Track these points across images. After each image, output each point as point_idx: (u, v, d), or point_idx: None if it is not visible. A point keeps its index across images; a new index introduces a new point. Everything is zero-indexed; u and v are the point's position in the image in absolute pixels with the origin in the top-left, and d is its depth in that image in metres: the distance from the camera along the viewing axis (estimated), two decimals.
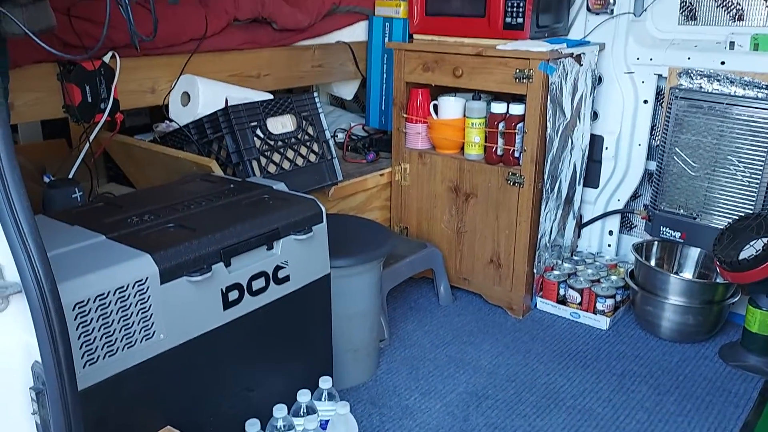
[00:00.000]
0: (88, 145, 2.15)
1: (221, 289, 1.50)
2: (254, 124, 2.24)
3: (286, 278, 1.67)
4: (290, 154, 2.34)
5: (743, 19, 2.35)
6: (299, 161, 2.37)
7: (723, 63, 2.32)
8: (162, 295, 1.37)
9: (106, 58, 2.15)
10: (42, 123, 3.16)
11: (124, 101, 2.25)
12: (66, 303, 1.14)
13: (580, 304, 2.54)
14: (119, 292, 1.29)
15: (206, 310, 1.48)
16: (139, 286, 1.32)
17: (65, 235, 1.44)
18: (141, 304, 1.33)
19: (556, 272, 2.62)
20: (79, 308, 1.23)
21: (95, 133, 2.16)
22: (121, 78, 2.19)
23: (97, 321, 1.26)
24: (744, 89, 2.28)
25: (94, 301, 1.25)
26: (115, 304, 1.29)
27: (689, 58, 2.39)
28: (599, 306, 2.49)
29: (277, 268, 1.64)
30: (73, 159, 2.20)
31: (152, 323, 1.36)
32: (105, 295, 1.27)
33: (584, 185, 2.74)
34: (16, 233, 1.01)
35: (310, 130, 2.41)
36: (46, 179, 2.04)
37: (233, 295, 1.54)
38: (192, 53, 2.40)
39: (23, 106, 2.02)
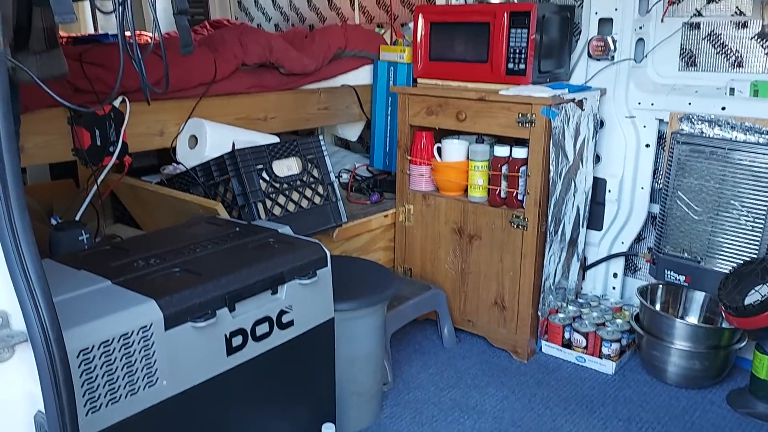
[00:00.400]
0: (96, 187, 2.18)
1: (225, 335, 1.50)
2: (260, 166, 2.26)
3: (290, 323, 1.67)
4: (295, 196, 2.37)
5: (742, 66, 2.39)
6: (304, 203, 2.40)
7: (724, 108, 2.35)
8: (166, 341, 1.37)
9: (116, 103, 2.19)
10: (50, 164, 3.21)
11: (133, 144, 2.28)
12: (71, 350, 1.14)
13: (586, 348, 2.52)
14: (124, 339, 1.29)
15: (209, 356, 1.48)
16: (143, 332, 1.32)
17: (72, 279, 1.45)
18: (145, 350, 1.33)
19: (561, 315, 2.61)
20: (83, 355, 1.23)
21: (103, 176, 2.19)
22: (130, 121, 2.23)
23: (101, 368, 1.26)
24: (745, 134, 2.30)
25: (99, 348, 1.25)
26: (120, 351, 1.29)
27: (690, 104, 2.42)
28: (605, 350, 2.47)
29: (281, 312, 1.64)
30: (81, 201, 2.23)
31: (155, 370, 1.36)
32: (109, 342, 1.27)
33: (588, 227, 2.75)
34: (24, 282, 1.02)
35: (315, 173, 2.44)
36: (54, 221, 2.06)
37: (237, 341, 1.53)
38: (201, 97, 2.45)
39: (33, 149, 2.05)
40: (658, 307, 2.56)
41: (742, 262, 2.25)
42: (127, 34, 1.19)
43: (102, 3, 1.17)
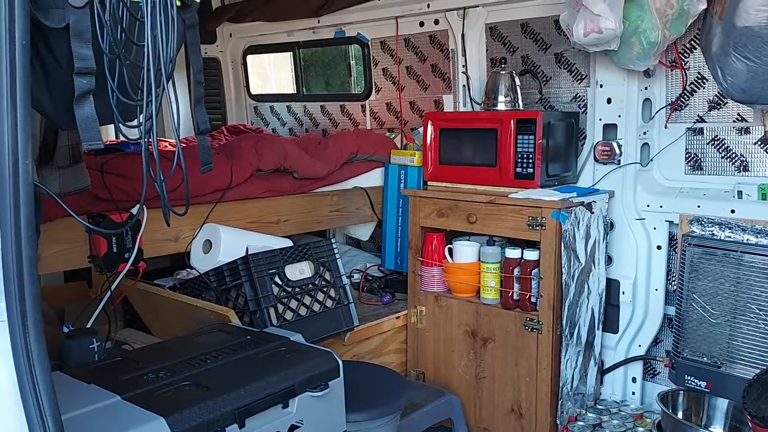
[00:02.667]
0: (109, 293, 2.19)
1: None
2: (273, 271, 2.28)
3: None
4: (307, 300, 2.36)
5: (748, 170, 2.42)
6: (316, 307, 2.39)
7: (733, 211, 2.36)
8: None
9: (134, 210, 2.24)
10: None
11: (148, 249, 2.32)
12: None
13: None
14: None
15: None
16: None
17: (81, 394, 1.43)
18: None
19: (580, 423, 2.52)
20: None
21: (117, 282, 2.21)
22: (146, 228, 2.27)
23: None
24: (756, 237, 2.30)
25: None
26: None
27: (699, 206, 2.44)
28: None
29: (292, 427, 1.60)
30: (93, 305, 2.23)
31: None
32: None
33: (603, 330, 2.70)
34: (34, 404, 1.01)
35: (328, 276, 2.45)
36: (66, 329, 2.06)
37: None
38: (216, 203, 2.50)
39: (50, 258, 2.09)
40: (680, 414, 2.46)
41: (765, 368, 2.18)
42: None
43: (128, 130, 1.24)
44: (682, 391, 2.49)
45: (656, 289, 2.62)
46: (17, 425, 1.00)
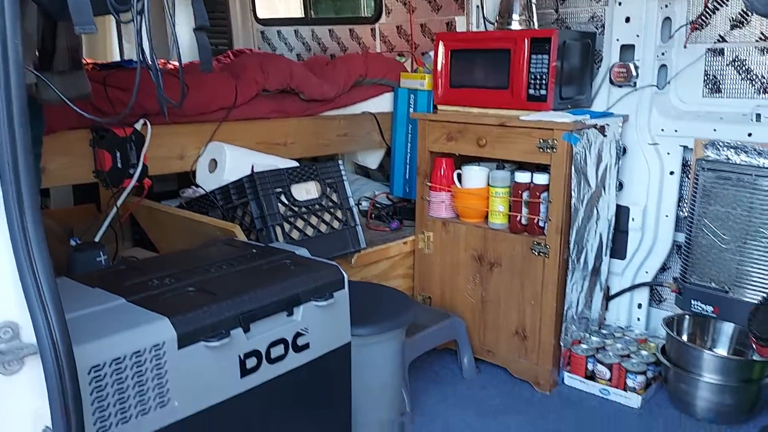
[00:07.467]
0: (115, 209, 2.19)
1: (239, 356, 1.47)
2: (279, 190, 2.26)
3: (306, 346, 1.63)
4: (314, 220, 2.35)
5: None
6: (323, 228, 2.38)
7: (750, 135, 2.30)
8: (178, 360, 1.34)
9: (138, 125, 2.21)
10: (73, 188, 3.24)
11: (153, 167, 2.30)
12: (81, 366, 1.12)
13: (610, 380, 2.44)
14: (136, 357, 1.27)
15: (223, 377, 1.44)
16: (156, 350, 1.30)
17: (85, 297, 1.43)
18: (157, 369, 1.31)
19: (584, 346, 2.54)
20: (94, 372, 1.20)
21: (123, 198, 2.20)
22: (150, 144, 2.25)
23: (112, 386, 1.23)
24: None
25: (110, 366, 1.23)
26: (131, 369, 1.26)
27: (715, 130, 2.38)
28: (630, 383, 2.39)
29: (297, 335, 1.60)
30: (101, 222, 2.24)
31: (167, 390, 1.33)
32: (121, 360, 1.25)
33: (611, 256, 2.69)
34: (35, 293, 1.00)
35: (335, 197, 2.43)
36: (73, 243, 2.07)
37: (251, 363, 1.50)
38: (221, 122, 2.47)
39: (55, 170, 2.07)
40: (685, 338, 2.47)
41: None
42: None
43: (122, 15, 1.19)
44: (687, 316, 2.50)
45: (666, 216, 2.59)
46: (19, 316, 1.00)
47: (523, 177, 2.47)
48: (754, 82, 2.37)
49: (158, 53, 1.35)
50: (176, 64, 2.41)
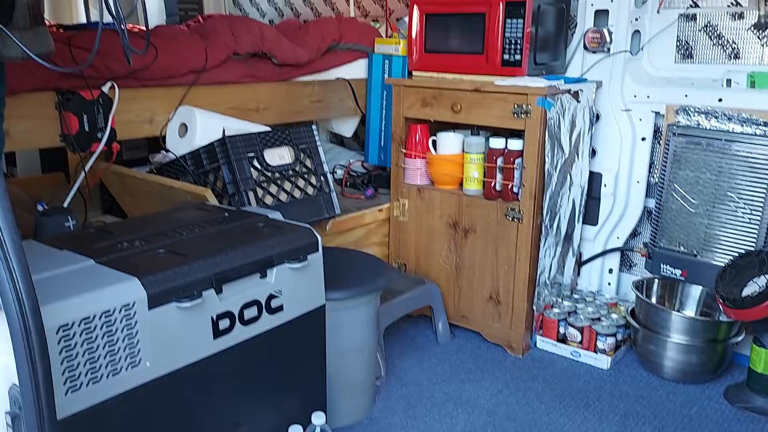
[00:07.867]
0: (83, 174, 2.14)
1: (212, 317, 1.46)
2: (251, 155, 2.23)
3: (280, 308, 1.63)
4: (287, 186, 2.33)
5: (739, 57, 2.37)
6: (296, 193, 2.36)
7: (720, 100, 2.33)
8: (149, 320, 1.32)
9: (105, 88, 2.16)
10: (41, 157, 3.17)
11: (122, 131, 2.24)
12: (50, 326, 1.11)
13: (581, 342, 2.48)
14: (105, 316, 1.25)
15: (195, 338, 1.44)
16: (126, 310, 1.28)
17: (53, 259, 1.41)
18: (128, 329, 1.29)
19: (556, 310, 2.58)
20: (63, 331, 1.18)
21: (91, 162, 2.15)
22: (119, 108, 2.19)
23: (82, 345, 1.22)
24: (742, 126, 2.28)
25: (79, 325, 1.21)
26: (101, 329, 1.25)
27: (686, 96, 2.40)
28: (600, 345, 2.44)
29: (271, 297, 1.60)
30: (69, 189, 2.19)
31: (138, 350, 1.32)
32: (90, 319, 1.23)
33: (583, 222, 2.72)
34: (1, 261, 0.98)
35: (308, 163, 2.41)
36: (40, 207, 2.02)
37: (224, 324, 1.49)
38: (191, 85, 2.41)
39: (20, 134, 2.01)
40: (653, 301, 2.52)
41: (739, 254, 2.22)
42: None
43: None
44: (657, 280, 2.55)
45: (638, 182, 2.62)
46: None
47: (497, 143, 2.48)
48: (725, 48, 2.39)
49: (125, 14, 1.31)
50: (143, 27, 2.33)
